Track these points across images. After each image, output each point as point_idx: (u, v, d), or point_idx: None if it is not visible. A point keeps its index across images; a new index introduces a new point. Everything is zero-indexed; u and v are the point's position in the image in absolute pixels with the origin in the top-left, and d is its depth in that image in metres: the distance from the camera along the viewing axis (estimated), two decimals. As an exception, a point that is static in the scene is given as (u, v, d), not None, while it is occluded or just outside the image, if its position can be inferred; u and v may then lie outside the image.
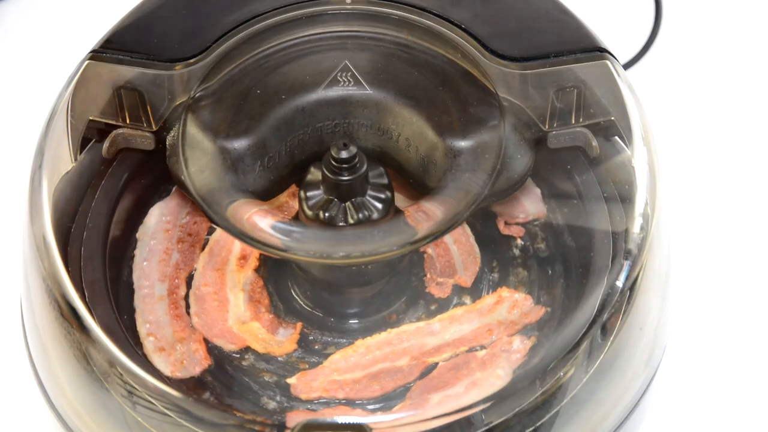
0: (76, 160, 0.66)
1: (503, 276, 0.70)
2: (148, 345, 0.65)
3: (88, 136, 0.66)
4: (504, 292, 0.67)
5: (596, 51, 0.67)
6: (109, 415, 0.60)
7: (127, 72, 0.66)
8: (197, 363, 0.65)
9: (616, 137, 0.66)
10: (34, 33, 0.98)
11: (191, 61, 0.66)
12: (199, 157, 0.64)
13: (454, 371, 0.63)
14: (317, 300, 0.69)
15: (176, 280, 0.68)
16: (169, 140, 0.65)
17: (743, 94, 0.93)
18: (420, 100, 0.66)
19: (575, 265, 0.68)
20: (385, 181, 0.65)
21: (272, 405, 0.65)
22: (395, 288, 0.69)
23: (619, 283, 0.60)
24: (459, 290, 0.69)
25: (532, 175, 0.66)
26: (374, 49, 0.69)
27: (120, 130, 0.66)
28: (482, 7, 0.69)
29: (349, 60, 0.68)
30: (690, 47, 0.97)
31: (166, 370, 0.64)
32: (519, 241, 0.71)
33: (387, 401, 0.63)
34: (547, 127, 0.66)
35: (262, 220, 0.61)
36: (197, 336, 0.66)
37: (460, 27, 0.67)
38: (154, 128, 0.66)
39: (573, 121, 0.66)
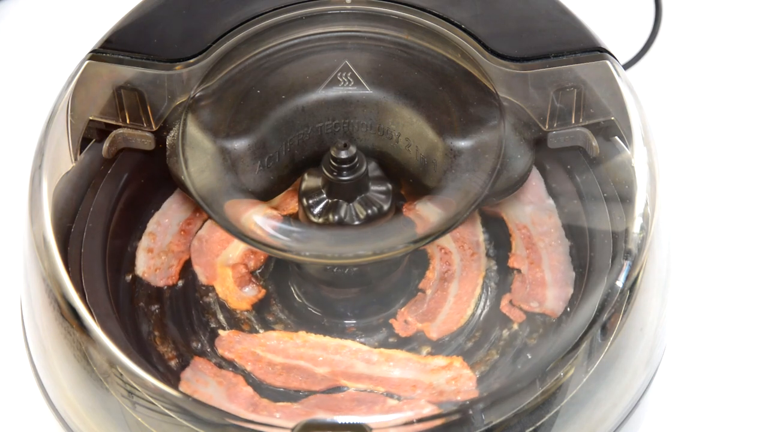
0: (76, 160, 0.66)
1: (474, 349, 0.67)
2: (144, 241, 0.70)
3: (88, 136, 0.66)
4: (457, 362, 0.64)
5: (596, 51, 0.67)
6: (109, 415, 0.60)
7: (127, 72, 0.66)
8: (165, 277, 0.69)
9: (616, 137, 0.66)
10: (34, 33, 0.98)
11: (191, 61, 0.66)
12: (199, 156, 0.64)
13: (355, 403, 0.62)
14: (311, 294, 0.69)
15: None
16: (169, 140, 0.65)
17: (743, 94, 0.93)
18: (420, 100, 0.66)
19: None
20: (381, 173, 0.66)
21: (193, 344, 0.67)
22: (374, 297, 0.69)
23: (619, 283, 0.60)
24: (424, 337, 0.67)
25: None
26: (374, 49, 0.69)
27: (120, 130, 0.66)
28: (482, 7, 0.69)
29: (349, 60, 0.68)
30: (690, 47, 0.97)
31: (140, 268, 0.69)
32: (514, 326, 0.67)
33: (283, 397, 0.64)
34: (547, 127, 0.66)
35: (262, 220, 0.61)
36: (183, 256, 0.70)
37: (460, 27, 0.67)
38: (154, 128, 0.66)
39: (573, 121, 0.66)
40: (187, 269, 0.70)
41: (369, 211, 0.64)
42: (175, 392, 0.57)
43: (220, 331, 0.67)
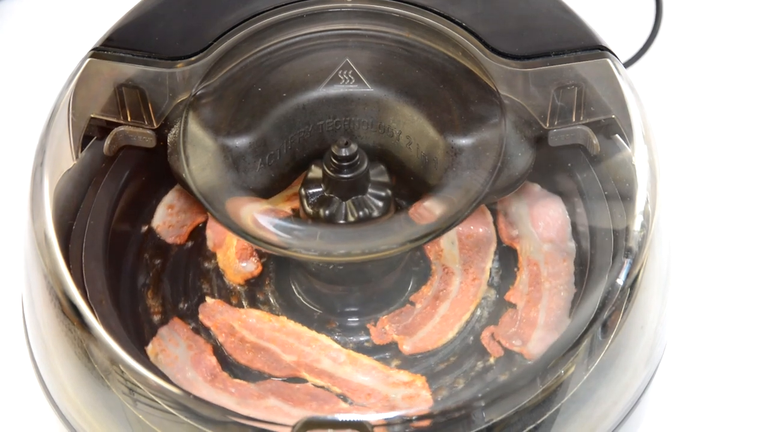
0: (77, 157, 0.66)
1: (442, 373, 0.65)
2: (168, 197, 0.72)
3: (90, 133, 0.66)
4: (419, 381, 0.63)
5: (597, 49, 0.67)
6: (110, 412, 0.60)
7: (129, 70, 0.66)
8: (176, 235, 0.71)
9: (617, 135, 0.66)
10: (35, 31, 0.99)
11: (192, 59, 0.66)
12: (200, 154, 0.64)
13: (308, 398, 0.63)
14: (304, 285, 0.69)
15: None
16: (170, 138, 0.65)
17: (743, 92, 0.93)
18: (421, 98, 0.66)
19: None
20: (386, 179, 0.65)
21: (179, 305, 0.68)
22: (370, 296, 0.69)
23: (620, 281, 0.60)
24: (398, 349, 0.66)
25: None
26: (375, 47, 0.69)
27: (121, 128, 0.66)
28: (483, 5, 0.69)
29: (350, 58, 0.68)
30: (690, 45, 0.97)
31: (156, 221, 0.71)
32: (491, 360, 0.66)
33: (243, 374, 0.65)
34: (547, 125, 0.66)
35: (263, 218, 0.61)
36: (199, 219, 0.72)
37: (461, 25, 0.67)
38: (156, 126, 0.66)
39: (574, 119, 0.66)
40: (199, 232, 0.71)
41: (360, 213, 0.64)
42: (175, 390, 0.57)
43: (208, 298, 0.68)
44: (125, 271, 0.70)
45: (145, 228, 0.71)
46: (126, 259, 0.70)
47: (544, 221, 0.69)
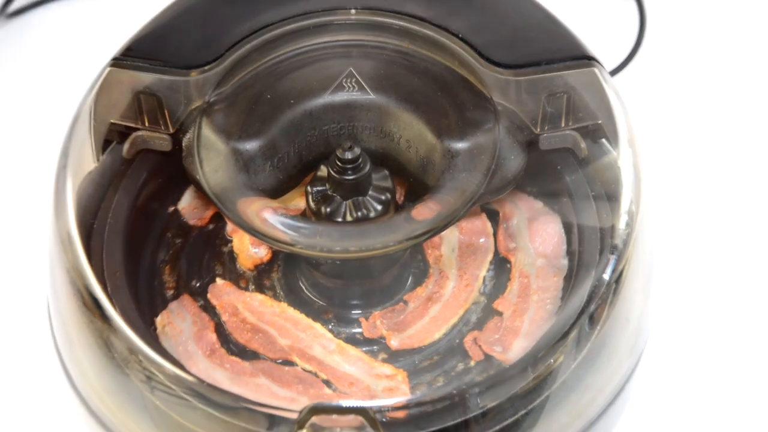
0: (98, 160, 0.66)
1: (424, 371, 0.64)
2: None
3: (110, 138, 0.66)
4: (400, 376, 0.63)
5: (584, 59, 0.66)
6: (129, 399, 0.60)
7: (146, 78, 0.66)
8: (199, 218, 0.72)
9: (603, 139, 0.66)
10: (59, 42, 0.98)
11: (206, 67, 0.66)
12: (213, 157, 0.64)
13: (296, 381, 0.62)
14: (308, 277, 0.69)
15: None
16: (185, 142, 0.65)
17: (723, 99, 0.93)
18: (420, 104, 0.66)
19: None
20: (388, 184, 0.65)
21: (192, 283, 0.69)
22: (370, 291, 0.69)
23: (606, 276, 0.60)
24: (386, 344, 0.66)
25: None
26: (377, 56, 0.69)
27: (139, 133, 0.66)
28: (478, 18, 0.69)
29: (354, 67, 0.68)
30: (672, 56, 0.97)
31: (183, 203, 0.72)
32: (471, 363, 0.64)
33: (239, 353, 0.64)
34: (538, 130, 0.65)
35: (272, 217, 0.61)
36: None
37: (457, 36, 0.67)
38: (171, 131, 0.66)
39: (563, 125, 0.66)
40: (220, 216, 0.71)
41: (359, 213, 0.64)
42: (190, 378, 0.57)
43: (218, 279, 0.68)
44: (146, 249, 0.70)
45: (171, 209, 0.72)
46: (147, 239, 0.70)
47: (540, 237, 0.68)
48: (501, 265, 0.69)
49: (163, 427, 0.59)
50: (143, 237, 0.70)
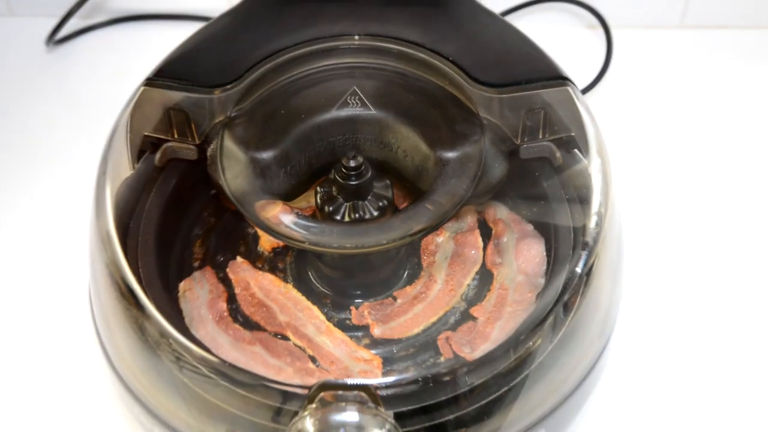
0: (133, 168, 0.66)
1: (399, 360, 0.63)
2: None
3: (144, 148, 0.66)
4: (376, 362, 0.62)
5: (559, 79, 0.67)
6: (160, 377, 0.60)
7: (176, 96, 0.66)
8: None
9: (576, 150, 0.66)
10: (99, 64, 0.98)
11: (228, 87, 0.66)
12: (234, 165, 0.64)
13: (286, 353, 0.62)
14: (315, 266, 0.69)
15: None
16: (209, 152, 0.65)
17: (679, 113, 0.94)
18: (415, 119, 0.66)
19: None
20: (387, 193, 0.65)
21: (217, 257, 0.69)
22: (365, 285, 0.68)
23: (579, 270, 0.60)
24: (369, 331, 0.65)
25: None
26: (378, 77, 0.69)
27: (169, 144, 0.66)
28: (466, 43, 0.69)
29: (357, 86, 0.68)
30: (636, 77, 0.98)
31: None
32: (441, 359, 0.63)
33: (243, 322, 0.64)
34: (519, 141, 0.66)
35: (286, 217, 0.61)
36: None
37: (448, 59, 0.67)
38: (197, 142, 0.66)
39: (540, 137, 0.66)
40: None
41: (356, 215, 0.64)
42: (214, 359, 0.57)
43: (239, 257, 0.68)
44: (182, 227, 0.70)
45: (213, 192, 0.70)
46: (182, 223, 0.70)
47: (524, 256, 0.66)
48: (485, 276, 0.68)
49: (190, 402, 0.58)
50: (173, 235, 0.70)
